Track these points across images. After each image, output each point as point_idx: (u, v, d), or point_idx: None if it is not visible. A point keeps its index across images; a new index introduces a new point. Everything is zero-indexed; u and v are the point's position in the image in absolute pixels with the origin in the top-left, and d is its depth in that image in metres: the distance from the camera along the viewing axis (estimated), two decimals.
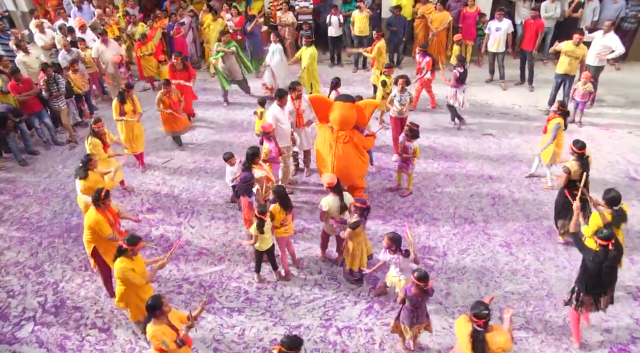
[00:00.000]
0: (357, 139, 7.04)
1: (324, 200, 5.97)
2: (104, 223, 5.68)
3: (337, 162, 6.94)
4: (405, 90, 8.33)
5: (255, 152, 6.50)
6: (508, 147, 9.17)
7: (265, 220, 5.81)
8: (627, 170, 8.38)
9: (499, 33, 10.96)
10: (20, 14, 14.83)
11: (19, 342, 5.71)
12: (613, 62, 11.67)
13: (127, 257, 5.05)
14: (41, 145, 9.78)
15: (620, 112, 10.32)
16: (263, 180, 6.53)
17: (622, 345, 5.39)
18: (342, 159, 6.94)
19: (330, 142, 6.99)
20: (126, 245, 5.01)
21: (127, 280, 5.05)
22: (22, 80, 8.99)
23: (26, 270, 6.77)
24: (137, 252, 5.13)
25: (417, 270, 4.75)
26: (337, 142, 6.95)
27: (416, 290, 4.73)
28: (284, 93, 7.52)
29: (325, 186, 6.01)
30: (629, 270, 6.35)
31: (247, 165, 6.50)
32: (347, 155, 6.96)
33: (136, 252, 5.11)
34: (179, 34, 12.33)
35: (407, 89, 8.35)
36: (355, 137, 7.01)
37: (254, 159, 6.49)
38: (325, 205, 5.94)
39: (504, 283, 6.23)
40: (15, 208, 8.05)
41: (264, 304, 6.08)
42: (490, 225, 7.23)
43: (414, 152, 7.44)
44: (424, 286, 4.66)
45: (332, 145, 6.97)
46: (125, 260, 5.03)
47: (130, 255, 5.06)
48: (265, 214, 5.79)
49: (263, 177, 6.54)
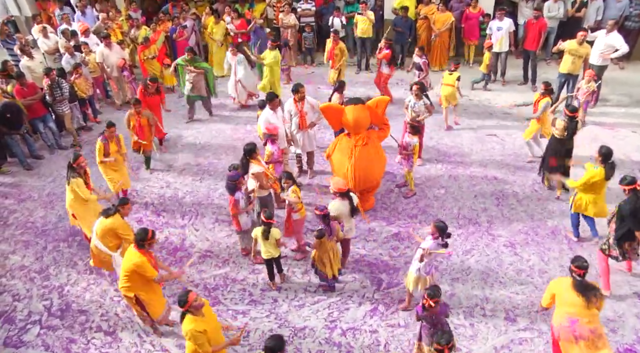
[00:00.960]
0: (374, 137, 7.20)
1: (332, 205, 5.91)
2: (147, 264, 5.14)
3: (358, 166, 6.97)
4: (421, 98, 8.10)
5: (252, 148, 6.52)
6: (512, 147, 9.15)
7: (274, 223, 5.83)
8: (631, 170, 8.33)
9: (500, 32, 10.97)
10: (24, 19, 14.92)
11: (25, 346, 5.73)
12: (617, 61, 11.64)
13: (196, 315, 4.44)
14: (46, 149, 9.82)
15: (624, 112, 10.29)
16: (261, 176, 6.51)
17: (629, 345, 5.37)
18: (363, 161, 6.99)
19: (350, 148, 7.01)
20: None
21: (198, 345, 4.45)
22: (27, 85, 9.06)
23: (31, 274, 6.79)
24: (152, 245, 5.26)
25: (430, 287, 4.70)
26: (356, 147, 6.99)
27: (427, 308, 4.65)
28: (274, 96, 7.55)
29: (334, 190, 5.94)
30: (634, 269, 6.32)
31: (244, 161, 6.57)
32: (368, 157, 7.03)
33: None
34: (181, 37, 12.38)
35: (422, 96, 8.13)
36: (372, 137, 7.14)
37: (252, 154, 6.52)
38: (334, 210, 5.86)
39: (509, 284, 6.21)
40: (20, 212, 8.08)
41: (269, 306, 6.08)
42: (494, 226, 7.22)
43: (414, 149, 7.45)
44: (431, 303, 4.55)
45: (352, 150, 6.99)
46: (196, 320, 4.41)
47: (195, 310, 4.43)
48: (272, 219, 5.80)
49: (261, 173, 6.51)
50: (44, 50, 11.50)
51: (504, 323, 5.65)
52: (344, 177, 6.92)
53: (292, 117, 7.77)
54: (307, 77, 12.66)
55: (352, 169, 6.98)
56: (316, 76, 12.63)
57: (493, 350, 5.36)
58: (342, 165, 7.09)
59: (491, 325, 5.65)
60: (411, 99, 8.19)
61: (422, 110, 8.10)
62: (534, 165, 8.36)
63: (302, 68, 13.32)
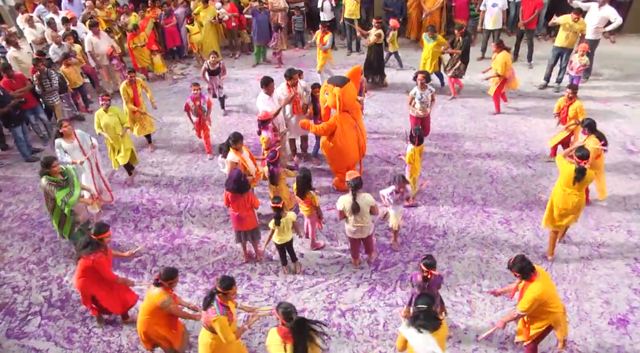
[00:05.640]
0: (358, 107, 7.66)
1: (342, 199, 5.77)
2: (173, 304, 4.79)
3: (363, 134, 7.44)
4: (426, 87, 7.85)
5: (237, 138, 6.51)
6: (504, 125, 9.17)
7: (281, 207, 5.79)
8: (624, 143, 8.40)
9: (495, 9, 10.91)
10: (9, 9, 14.65)
11: (27, 337, 5.76)
12: (608, 35, 11.59)
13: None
14: (38, 140, 9.75)
15: (616, 85, 10.31)
16: (233, 166, 6.42)
17: (622, 315, 5.46)
18: (362, 129, 7.49)
19: (350, 122, 7.21)
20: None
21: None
22: (15, 77, 8.88)
23: (30, 265, 6.81)
24: (174, 286, 4.79)
25: (427, 256, 4.78)
26: (357, 121, 7.34)
27: (421, 276, 4.79)
28: (269, 80, 7.52)
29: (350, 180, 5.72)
30: (626, 242, 6.40)
31: (225, 148, 6.67)
32: (362, 125, 7.55)
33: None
34: (169, 23, 12.26)
35: (427, 85, 7.89)
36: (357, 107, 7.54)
37: (235, 143, 6.50)
38: (341, 205, 5.75)
39: (504, 260, 6.27)
40: (16, 204, 8.06)
41: (268, 290, 6.13)
42: (489, 203, 7.27)
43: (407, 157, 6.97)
44: (426, 272, 4.68)
45: (354, 123, 7.26)
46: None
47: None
48: (280, 203, 5.77)
49: (236, 162, 6.46)
50: (31, 40, 11.28)
51: (501, 299, 5.71)
52: (353, 148, 7.24)
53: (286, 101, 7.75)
54: (299, 60, 12.59)
55: (361, 139, 7.37)
56: (307, 59, 12.55)
57: (490, 326, 5.44)
58: (353, 140, 7.24)
59: (488, 301, 5.72)
60: (416, 91, 7.87)
61: (429, 100, 7.84)
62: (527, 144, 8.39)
63: (293, 51, 13.24)
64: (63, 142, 6.85)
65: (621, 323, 5.40)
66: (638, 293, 5.72)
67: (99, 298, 5.46)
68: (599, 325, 5.39)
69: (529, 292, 4.39)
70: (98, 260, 5.15)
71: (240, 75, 12.15)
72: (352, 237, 5.97)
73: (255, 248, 6.53)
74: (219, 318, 4.28)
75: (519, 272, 4.45)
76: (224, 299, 4.40)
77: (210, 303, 4.40)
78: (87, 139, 7.05)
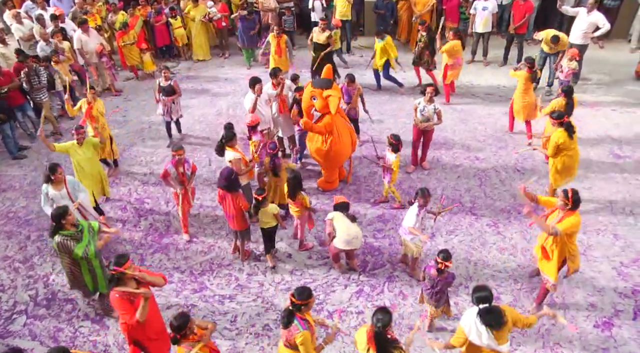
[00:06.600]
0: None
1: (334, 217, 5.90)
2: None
3: (351, 132, 7.63)
4: (433, 101, 7.55)
5: (231, 137, 6.54)
6: (493, 128, 9.23)
7: (261, 199, 5.90)
8: (611, 148, 8.49)
9: (485, 12, 10.98)
10: None
11: (11, 336, 5.70)
12: (597, 40, 11.73)
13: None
14: (25, 138, 9.64)
15: (604, 90, 10.41)
16: (238, 163, 6.51)
17: (607, 318, 5.52)
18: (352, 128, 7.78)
19: (341, 121, 7.36)
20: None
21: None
22: (2, 73, 8.78)
23: (15, 264, 6.73)
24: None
25: (443, 250, 4.83)
26: (343, 118, 7.53)
27: (435, 269, 4.87)
28: (257, 81, 7.57)
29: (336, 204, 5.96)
30: (612, 246, 6.47)
31: (219, 147, 6.65)
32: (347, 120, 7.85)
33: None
34: (159, 21, 12.19)
35: (434, 100, 7.58)
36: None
37: (229, 141, 6.54)
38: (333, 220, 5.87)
39: (492, 262, 6.32)
40: (2, 202, 7.97)
41: (255, 290, 6.12)
42: (477, 206, 7.31)
43: (393, 165, 6.95)
44: (441, 263, 4.77)
45: (344, 122, 7.45)
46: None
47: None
48: (263, 195, 5.91)
49: (238, 159, 6.53)
50: (19, 36, 11.13)
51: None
52: (348, 147, 7.43)
53: (272, 101, 7.82)
54: None
55: (353, 134, 7.67)
56: (297, 59, 12.50)
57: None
58: (347, 137, 7.39)
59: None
60: (421, 102, 7.67)
61: (431, 115, 7.60)
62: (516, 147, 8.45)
63: None
64: (51, 188, 6.10)
65: (606, 326, 5.45)
66: (623, 297, 5.78)
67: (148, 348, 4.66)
68: (585, 327, 5.44)
69: (573, 217, 5.05)
70: (111, 298, 4.41)
71: (231, 74, 12.13)
72: (344, 248, 5.89)
73: (242, 248, 6.51)
74: (304, 333, 4.12)
75: (573, 203, 5.03)
76: (304, 311, 4.25)
77: (291, 320, 4.21)
78: (76, 187, 6.32)
